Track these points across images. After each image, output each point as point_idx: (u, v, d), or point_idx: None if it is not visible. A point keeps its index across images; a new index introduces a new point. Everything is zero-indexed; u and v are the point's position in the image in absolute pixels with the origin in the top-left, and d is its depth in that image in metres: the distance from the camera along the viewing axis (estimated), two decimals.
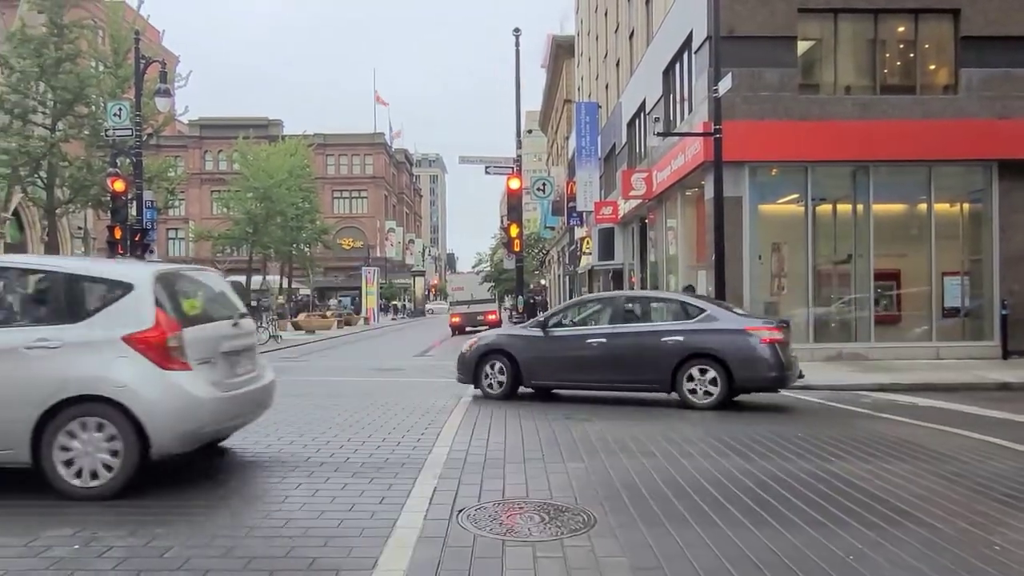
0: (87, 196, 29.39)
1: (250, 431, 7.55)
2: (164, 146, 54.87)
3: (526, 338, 10.60)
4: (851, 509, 4.74)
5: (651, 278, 22.70)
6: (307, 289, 55.64)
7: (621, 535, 4.23)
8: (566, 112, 44.43)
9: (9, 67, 27.94)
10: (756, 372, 9.17)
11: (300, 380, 13.57)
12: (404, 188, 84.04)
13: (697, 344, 9.32)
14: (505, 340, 10.90)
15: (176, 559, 3.84)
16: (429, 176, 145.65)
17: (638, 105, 23.03)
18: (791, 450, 6.64)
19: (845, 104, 15.59)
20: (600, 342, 10.00)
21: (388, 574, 3.64)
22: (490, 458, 6.29)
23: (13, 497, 5.04)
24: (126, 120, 18.20)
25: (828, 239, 16.03)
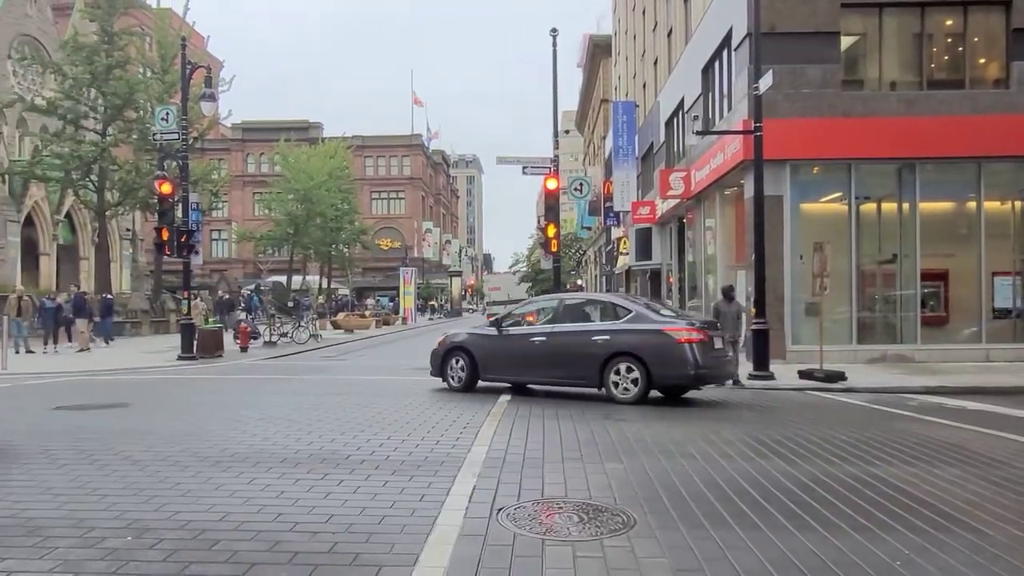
0: (135, 198, 30.33)
1: (292, 429, 7.72)
2: (208, 149, 56.27)
3: (483, 337, 11.51)
4: (897, 514, 4.65)
5: (689, 278, 22.48)
6: (346, 289, 56.35)
7: (661, 536, 4.21)
8: (603, 112, 44.23)
9: (63, 74, 29.00)
10: (672, 370, 9.70)
11: (340, 379, 13.78)
12: (441, 189, 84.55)
13: (620, 343, 9.93)
14: (466, 339, 11.71)
15: (223, 552, 3.94)
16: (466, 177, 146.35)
17: (676, 104, 22.82)
18: (834, 453, 6.53)
19: (890, 100, 15.24)
20: (542, 341, 10.73)
21: (429, 570, 3.68)
22: (528, 458, 6.31)
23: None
24: (173, 124, 18.66)
25: (872, 238, 15.69)
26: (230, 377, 14.38)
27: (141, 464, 6.04)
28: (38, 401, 10.45)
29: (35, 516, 4.58)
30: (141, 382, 13.41)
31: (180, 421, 8.47)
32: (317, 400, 10.26)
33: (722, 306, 12.41)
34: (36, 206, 37.15)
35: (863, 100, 15.25)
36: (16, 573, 3.64)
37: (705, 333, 9.83)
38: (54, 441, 7.08)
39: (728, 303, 12.42)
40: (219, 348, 19.54)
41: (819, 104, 14.92)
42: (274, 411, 9.11)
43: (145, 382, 13.43)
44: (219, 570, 3.69)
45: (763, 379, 12.39)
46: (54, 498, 5.02)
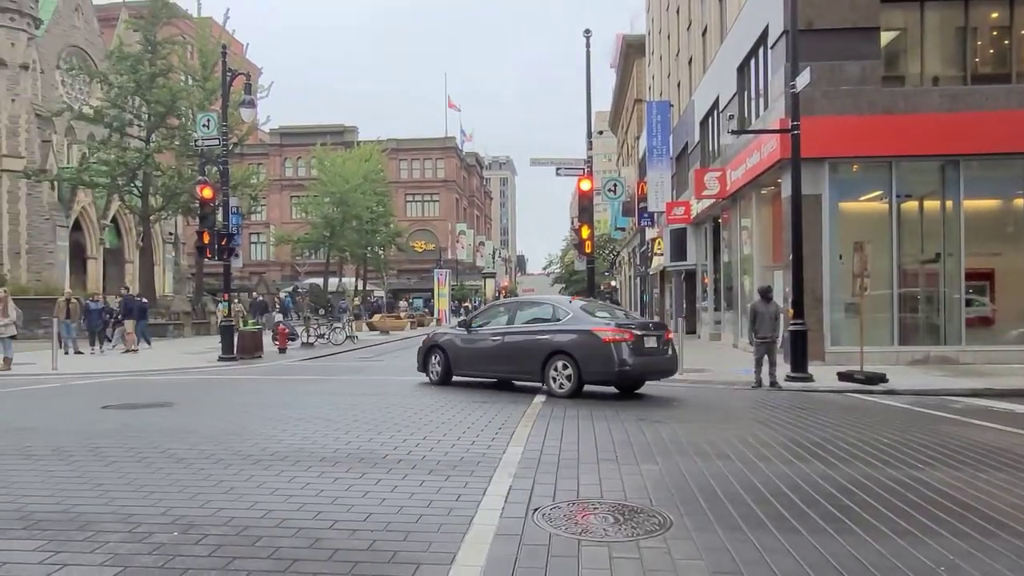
0: (178, 203, 31.08)
1: (330, 429, 7.85)
2: (247, 154, 57.38)
3: (455, 336, 12.68)
4: (941, 518, 4.55)
5: (725, 279, 22.23)
6: (381, 291, 56.93)
7: (698, 538, 4.19)
8: (636, 112, 43.96)
9: (108, 83, 29.88)
10: (598, 367, 10.53)
11: (376, 379, 13.94)
12: (475, 191, 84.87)
13: (557, 343, 10.89)
14: (442, 338, 12.95)
15: (266, 548, 4.03)
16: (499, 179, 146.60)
17: (711, 103, 22.59)
18: (875, 456, 6.42)
19: (932, 96, 14.89)
20: (498, 340, 11.75)
21: (466, 569, 3.72)
22: (564, 458, 6.33)
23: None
24: (214, 130, 19.09)
25: (914, 237, 15.34)
26: (269, 378, 14.65)
27: (185, 462, 6.21)
28: (86, 400, 10.78)
29: (86, 511, 4.74)
30: (184, 382, 13.74)
31: (222, 420, 8.67)
32: (354, 400, 10.40)
33: (759, 307, 12.26)
34: (84, 211, 38.34)
35: (904, 96, 14.93)
36: (69, 566, 3.78)
37: (631, 334, 10.61)
38: (102, 439, 7.31)
39: (766, 304, 12.27)
40: (258, 349, 19.92)
41: (858, 101, 14.64)
42: (312, 411, 9.27)
43: (188, 382, 13.76)
44: (262, 565, 3.78)
45: (801, 381, 12.21)
46: (103, 494, 5.18)
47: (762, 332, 12.06)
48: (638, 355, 10.56)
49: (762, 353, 12.05)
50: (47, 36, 37.35)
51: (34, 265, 35.81)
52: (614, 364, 10.37)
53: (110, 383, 13.65)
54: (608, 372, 10.56)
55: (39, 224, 35.97)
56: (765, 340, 12.02)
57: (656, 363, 11.04)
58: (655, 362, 11.00)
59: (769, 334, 12.05)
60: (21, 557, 3.91)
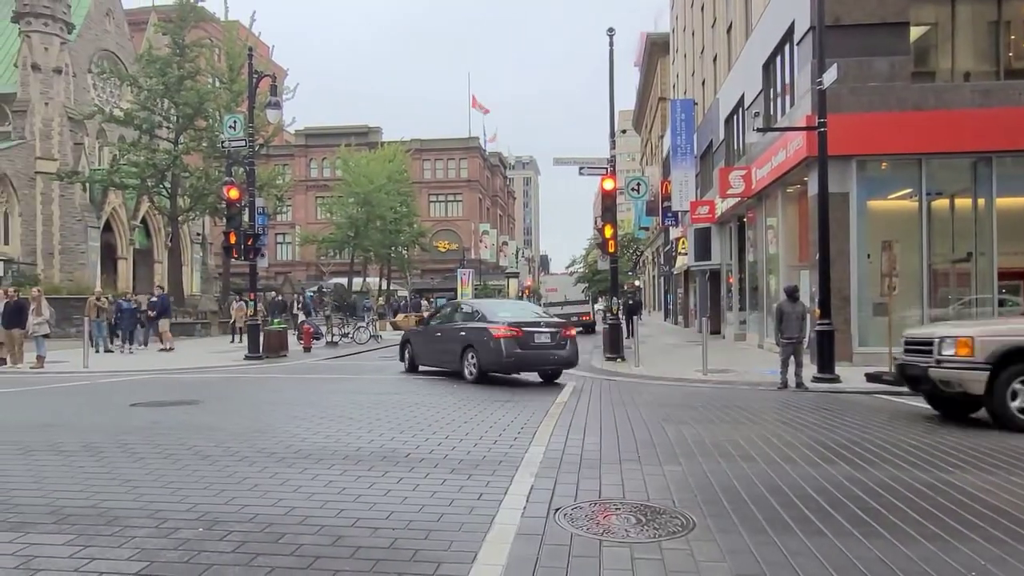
0: (205, 204, 31.51)
1: (353, 427, 7.90)
2: (273, 155, 58.02)
3: (416, 332, 15.78)
4: (972, 522, 4.45)
5: (750, 279, 21.99)
6: (405, 290, 57.22)
7: (721, 540, 4.15)
8: (660, 110, 43.69)
9: (138, 86, 30.39)
10: (490, 358, 12.52)
11: (399, 378, 14.00)
12: (498, 191, 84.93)
13: (468, 338, 13.01)
14: (411, 334, 15.81)
15: (289, 545, 4.07)
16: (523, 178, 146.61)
17: (736, 101, 22.36)
18: (903, 459, 6.30)
19: (963, 92, 14.59)
20: (439, 336, 14.18)
21: (487, 568, 3.72)
22: (586, 458, 6.30)
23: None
24: (240, 132, 19.32)
25: (945, 236, 15.04)
26: (294, 376, 14.79)
27: (211, 459, 6.29)
28: (116, 398, 10.97)
29: (114, 507, 4.82)
30: (211, 380, 13.93)
31: (247, 418, 8.77)
32: (377, 399, 10.47)
33: (786, 307, 12.10)
34: (114, 212, 39.05)
35: (935, 92, 14.64)
36: (97, 560, 3.85)
37: (519, 331, 12.49)
38: (131, 436, 7.44)
39: (792, 303, 12.10)
40: (284, 348, 20.13)
41: (887, 97, 14.39)
42: (336, 409, 9.34)
43: (214, 380, 13.94)
44: (285, 562, 3.81)
45: (828, 382, 12.04)
46: (131, 490, 5.27)
47: (788, 332, 11.91)
48: (525, 348, 12.46)
49: (788, 353, 11.90)
50: (79, 40, 38.09)
51: (67, 265, 36.55)
52: (502, 356, 12.37)
53: (139, 381, 13.88)
54: (497, 362, 12.52)
55: (71, 225, 36.71)
56: (791, 340, 11.87)
57: (546, 356, 12.83)
58: (545, 355, 12.80)
59: (795, 334, 11.89)
60: (51, 551, 3.99)
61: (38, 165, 35.84)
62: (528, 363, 12.76)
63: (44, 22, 35.35)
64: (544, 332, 12.82)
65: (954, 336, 8.25)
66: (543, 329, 12.86)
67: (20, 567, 3.75)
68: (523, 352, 12.46)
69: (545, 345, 12.73)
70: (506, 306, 15.52)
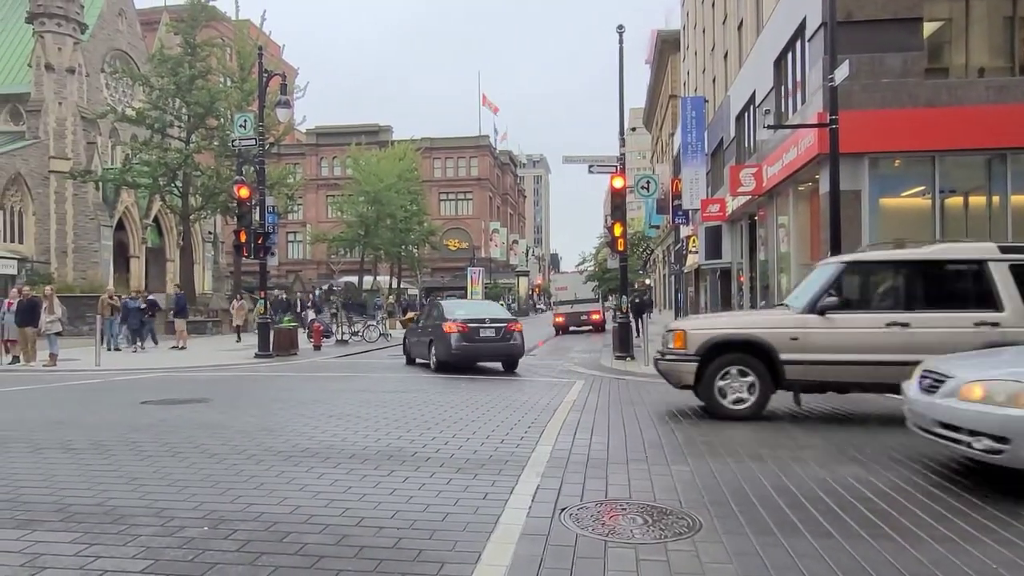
0: (217, 203, 31.67)
1: (360, 426, 7.90)
2: (284, 154, 58.25)
3: (410, 329, 18.10)
4: (985, 525, 4.39)
5: (761, 277, 21.85)
6: (415, 289, 57.32)
7: (728, 541, 4.11)
8: (671, 108, 43.51)
9: (150, 86, 30.58)
10: (442, 350, 14.70)
11: (408, 377, 14.02)
12: (508, 189, 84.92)
13: (432, 334, 15.35)
14: (407, 331, 18.46)
15: (293, 544, 4.06)
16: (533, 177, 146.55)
17: (747, 98, 22.22)
18: (918, 460, 6.21)
19: (978, 88, 14.41)
20: (420, 332, 16.56)
21: (491, 569, 3.70)
22: (593, 458, 6.27)
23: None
24: (250, 130, 19.39)
25: (959, 234, 14.81)
26: (303, 375, 14.83)
27: (218, 457, 6.30)
28: (126, 396, 11.04)
29: (120, 505, 4.84)
30: (220, 379, 13.99)
31: (255, 417, 8.79)
32: (385, 397, 10.47)
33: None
34: (127, 211, 39.35)
35: (948, 88, 14.47)
36: (102, 558, 3.86)
37: (465, 327, 14.55)
38: (139, 434, 7.47)
39: None
40: (294, 346, 20.20)
41: (899, 94, 14.24)
42: (343, 408, 9.35)
43: (224, 379, 14.00)
44: (288, 561, 3.81)
45: None
46: (138, 488, 5.29)
47: None
48: (471, 342, 14.54)
49: None
50: (92, 40, 38.37)
51: (80, 264, 36.88)
52: (451, 348, 14.46)
53: (150, 379, 13.96)
54: (447, 354, 14.56)
55: (85, 224, 37.02)
56: None
57: (491, 348, 14.96)
58: (490, 348, 14.90)
59: None
60: (57, 549, 4.00)
61: (52, 164, 36.16)
62: (475, 355, 14.85)
63: (57, 22, 35.63)
64: (489, 327, 14.84)
65: (672, 330, 9.01)
66: (488, 325, 14.87)
67: (26, 565, 3.77)
68: (470, 345, 14.52)
69: (490, 339, 14.75)
70: (464, 305, 17.71)
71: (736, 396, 8.48)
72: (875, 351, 8.12)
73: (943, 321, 8.07)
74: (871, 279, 9.06)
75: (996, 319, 7.99)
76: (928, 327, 8.04)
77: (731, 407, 8.45)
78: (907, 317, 8.16)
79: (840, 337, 8.24)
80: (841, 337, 8.24)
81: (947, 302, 8.30)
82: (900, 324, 8.13)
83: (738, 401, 8.47)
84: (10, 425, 8.26)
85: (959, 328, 7.95)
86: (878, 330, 8.18)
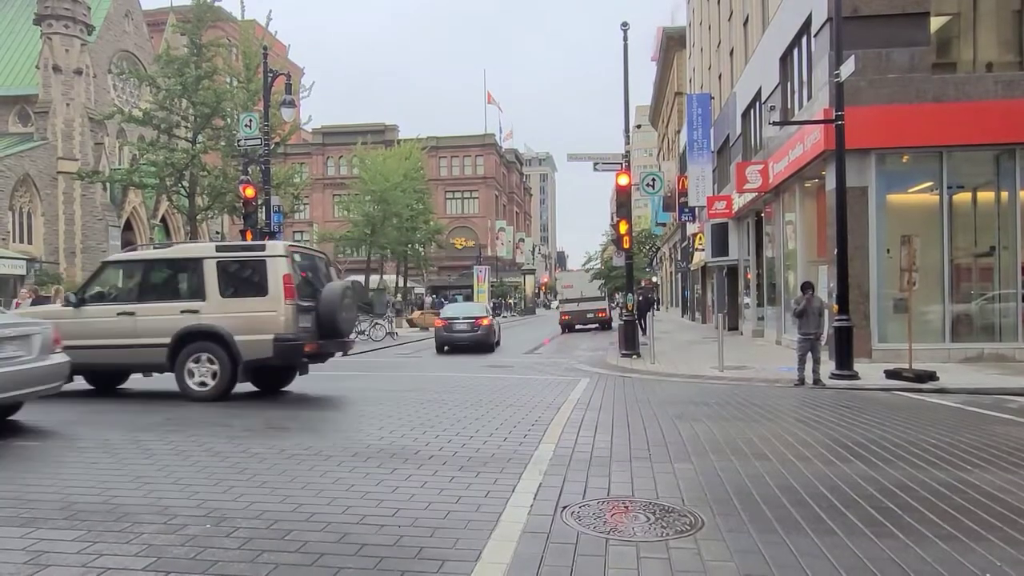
0: (223, 203, 31.70)
1: (363, 425, 7.90)
2: (291, 154, 58.38)
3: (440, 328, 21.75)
4: (990, 523, 4.35)
5: (767, 274, 21.78)
6: (421, 288, 57.38)
7: (730, 539, 4.09)
8: (677, 105, 43.40)
9: (156, 86, 30.65)
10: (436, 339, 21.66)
11: (412, 376, 14.03)
12: (514, 187, 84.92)
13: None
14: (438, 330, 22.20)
15: (295, 542, 4.07)
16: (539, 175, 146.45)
17: (753, 94, 22.13)
18: (922, 457, 6.18)
19: (986, 82, 14.30)
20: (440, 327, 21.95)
21: (492, 567, 3.69)
22: (596, 456, 6.25)
23: None
24: (255, 130, 19.45)
25: (967, 230, 14.78)
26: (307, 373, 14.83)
27: (222, 455, 6.31)
28: (132, 395, 11.06)
29: (124, 503, 4.85)
30: None
31: (259, 414, 8.81)
32: (389, 396, 10.47)
33: (803, 302, 11.95)
34: (135, 211, 39.55)
35: (956, 84, 14.37)
36: (105, 556, 3.87)
37: (445, 321, 21.38)
38: (145, 432, 7.49)
39: (809, 299, 11.94)
40: None
41: (906, 89, 14.15)
42: (347, 406, 9.36)
43: None
44: (290, 559, 3.81)
45: (846, 378, 11.88)
46: (142, 486, 5.30)
47: (805, 328, 11.77)
48: (449, 332, 21.05)
49: (805, 350, 11.76)
50: (99, 42, 38.57)
51: (88, 264, 37.06)
52: (438, 337, 21.22)
53: (155, 378, 13.98)
54: (439, 341, 21.29)
55: (93, 224, 37.23)
56: (808, 336, 11.72)
57: (462, 337, 20.88)
58: (461, 336, 20.89)
59: (813, 330, 11.74)
60: (61, 547, 4.01)
61: (60, 165, 36.38)
62: (450, 343, 21.02)
63: (64, 24, 35.83)
64: (462, 322, 21.12)
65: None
66: (460, 320, 21.17)
67: (29, 563, 3.78)
68: (447, 335, 21.03)
69: (462, 330, 20.97)
70: (455, 306, 24.64)
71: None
72: (110, 336, 9.74)
73: (159, 310, 9.77)
74: (121, 275, 10.72)
75: (198, 307, 9.68)
76: (148, 315, 9.77)
77: None
78: (134, 307, 9.87)
79: (86, 325, 9.76)
80: (87, 325, 9.76)
81: (169, 294, 10.05)
82: (128, 313, 9.81)
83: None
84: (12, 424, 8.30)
85: (170, 316, 9.69)
86: (111, 319, 9.82)
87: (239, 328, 9.52)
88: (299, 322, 9.69)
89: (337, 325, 10.27)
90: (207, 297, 9.68)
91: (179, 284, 10.15)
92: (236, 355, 9.61)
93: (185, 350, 9.72)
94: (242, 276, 9.91)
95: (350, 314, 10.69)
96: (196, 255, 10.08)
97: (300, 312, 9.75)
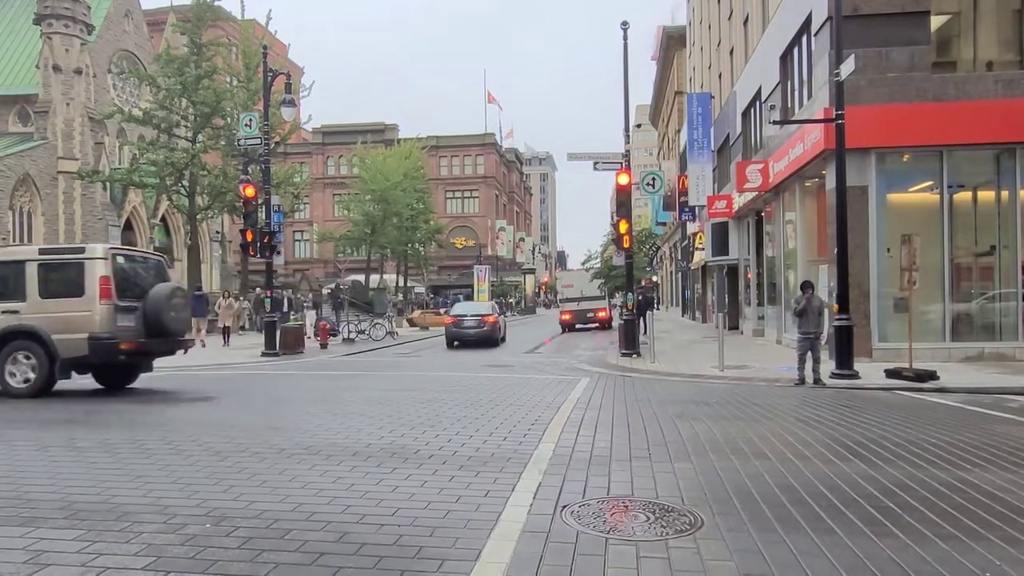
0: (223, 202, 31.74)
1: (364, 423, 7.91)
2: (291, 153, 58.37)
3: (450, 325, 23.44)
4: (990, 522, 4.35)
5: (768, 274, 21.77)
6: (422, 287, 57.37)
7: (729, 539, 4.09)
8: (677, 104, 43.39)
9: (156, 86, 30.65)
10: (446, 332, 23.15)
11: (412, 375, 14.03)
12: (514, 187, 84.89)
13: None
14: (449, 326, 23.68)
15: (294, 541, 4.07)
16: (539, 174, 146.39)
17: (753, 93, 22.12)
18: (922, 456, 6.18)
19: (986, 81, 14.28)
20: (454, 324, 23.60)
21: (491, 566, 3.69)
22: (596, 455, 6.25)
23: None
24: (255, 129, 19.44)
25: (967, 229, 14.77)
26: (308, 373, 14.87)
27: (222, 455, 6.32)
28: (133, 394, 11.07)
29: (124, 502, 4.85)
30: (226, 377, 14.04)
31: (260, 415, 8.82)
32: (389, 395, 10.48)
33: (802, 301, 11.95)
34: (135, 211, 39.53)
35: (956, 83, 14.35)
36: (105, 555, 3.87)
37: (454, 318, 23.16)
38: (145, 432, 7.50)
39: (809, 298, 11.94)
40: (300, 345, 20.26)
41: (906, 89, 14.14)
42: (347, 406, 9.36)
43: (230, 377, 14.05)
44: (290, 558, 3.81)
45: (846, 378, 11.88)
46: (142, 485, 5.30)
47: (805, 327, 11.76)
48: (458, 328, 22.70)
49: (805, 349, 11.75)
50: (99, 41, 38.54)
51: None
52: (452, 333, 22.71)
53: (157, 377, 13.99)
54: (449, 336, 22.80)
55: (93, 224, 37.20)
56: (808, 336, 11.72)
57: (469, 333, 22.47)
58: (468, 332, 22.47)
59: (813, 330, 11.74)
60: (60, 547, 4.01)
61: (60, 165, 36.35)
62: (459, 338, 22.50)
63: (64, 23, 35.80)
64: (469, 319, 22.87)
65: None
66: (468, 318, 22.92)
67: (29, 562, 3.78)
68: (456, 331, 22.63)
69: (470, 327, 22.66)
70: (463, 305, 26.89)
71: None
72: None
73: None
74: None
75: (17, 308, 10.07)
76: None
77: None
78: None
79: None
80: None
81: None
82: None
83: None
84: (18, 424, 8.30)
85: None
86: None
87: (56, 327, 9.98)
88: (117, 321, 10.12)
89: (164, 324, 10.71)
90: (27, 298, 10.10)
91: (2, 286, 10.45)
92: (54, 353, 10.06)
93: (5, 349, 10.14)
94: (62, 278, 10.29)
95: (180, 314, 11.12)
96: (19, 257, 10.55)
97: (120, 312, 10.20)
